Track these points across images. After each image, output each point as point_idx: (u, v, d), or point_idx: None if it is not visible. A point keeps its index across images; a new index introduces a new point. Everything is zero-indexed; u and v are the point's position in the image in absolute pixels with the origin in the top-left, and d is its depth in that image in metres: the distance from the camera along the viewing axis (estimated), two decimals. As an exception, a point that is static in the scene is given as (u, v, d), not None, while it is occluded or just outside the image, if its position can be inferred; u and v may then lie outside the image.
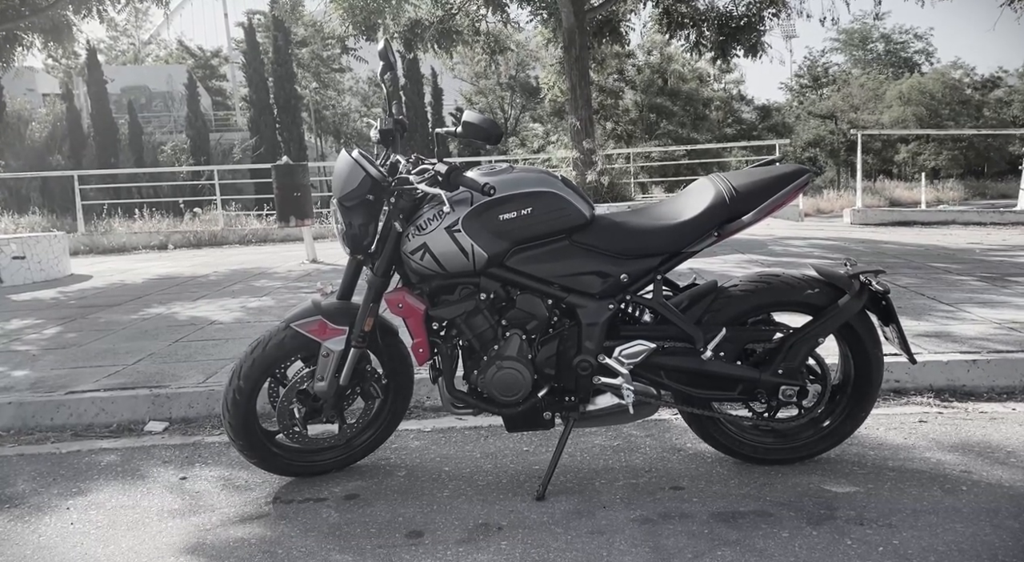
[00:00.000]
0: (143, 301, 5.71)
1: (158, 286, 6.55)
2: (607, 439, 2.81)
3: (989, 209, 10.58)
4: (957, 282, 5.02)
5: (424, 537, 2.09)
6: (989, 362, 3.20)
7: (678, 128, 27.49)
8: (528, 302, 2.35)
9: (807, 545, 2.00)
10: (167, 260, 9.15)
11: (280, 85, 28.81)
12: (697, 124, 28.36)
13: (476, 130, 2.18)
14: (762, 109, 31.89)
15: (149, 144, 28.12)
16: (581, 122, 7.99)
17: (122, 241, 10.89)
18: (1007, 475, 2.37)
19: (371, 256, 2.36)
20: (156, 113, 32.60)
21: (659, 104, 27.47)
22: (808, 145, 33.65)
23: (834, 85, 37.22)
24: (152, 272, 7.67)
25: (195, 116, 28.02)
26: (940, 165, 30.28)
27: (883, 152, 32.42)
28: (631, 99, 27.41)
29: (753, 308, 2.41)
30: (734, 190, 2.31)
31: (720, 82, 30.86)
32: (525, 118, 33.74)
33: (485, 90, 34.08)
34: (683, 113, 27.98)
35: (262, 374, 2.35)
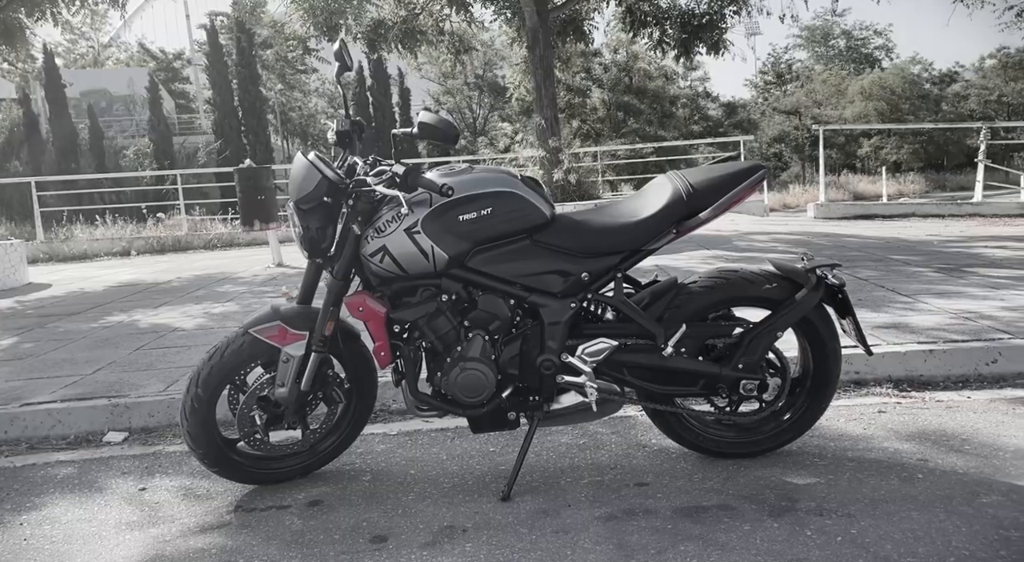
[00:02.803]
0: (103, 309, 5.61)
1: (119, 293, 6.44)
2: (573, 437, 2.81)
3: (948, 201, 10.79)
4: (915, 274, 5.11)
5: (388, 542, 2.08)
6: (945, 352, 3.26)
7: (645, 126, 27.64)
8: (490, 302, 2.34)
9: (768, 537, 2.02)
10: (130, 267, 9.00)
11: (244, 87, 28.46)
12: (664, 121, 28.55)
13: (432, 131, 2.17)
14: (728, 106, 32.19)
15: (111, 149, 27.62)
16: (547, 121, 8.01)
17: (83, 248, 10.69)
18: (961, 462, 2.41)
19: (330, 259, 2.34)
20: (117, 117, 32.04)
21: (626, 102, 27.61)
22: (773, 141, 34.05)
23: (798, 81, 37.70)
24: (114, 279, 7.54)
25: (158, 120, 27.58)
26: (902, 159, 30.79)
27: (847, 147, 32.89)
28: (599, 97, 27.51)
29: (713, 304, 2.43)
30: (691, 187, 2.32)
31: (686, 80, 31.11)
32: (494, 118, 33.71)
33: (453, 90, 33.98)
34: (650, 111, 28.14)
35: (220, 381, 2.31)
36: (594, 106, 27.67)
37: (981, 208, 9.63)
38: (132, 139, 28.96)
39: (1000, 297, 4.20)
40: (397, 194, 2.14)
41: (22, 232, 12.20)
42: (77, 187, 16.99)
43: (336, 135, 2.35)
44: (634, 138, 25.66)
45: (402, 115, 31.94)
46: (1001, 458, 2.43)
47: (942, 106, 32.22)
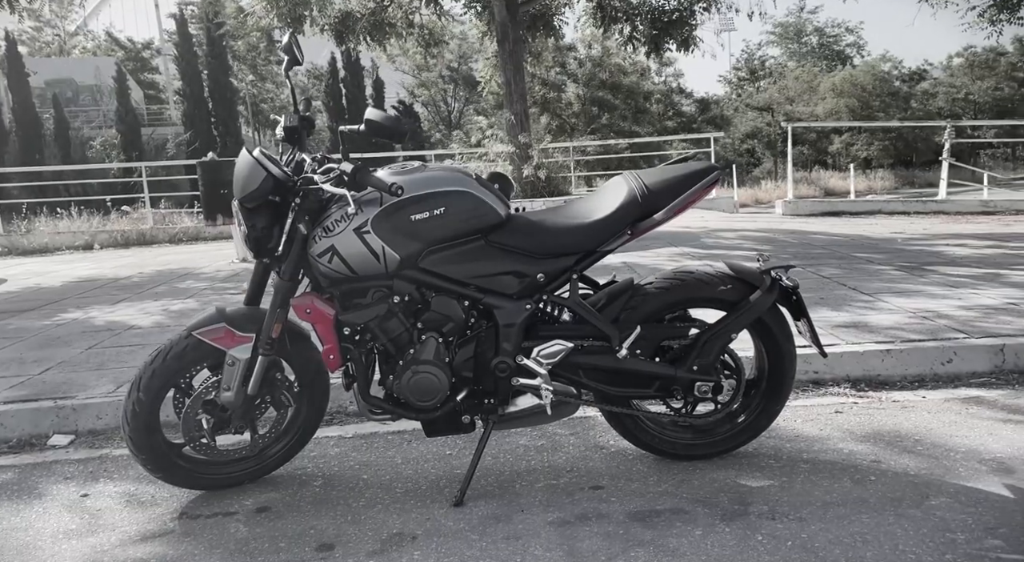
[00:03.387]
0: (59, 305, 5.48)
1: (77, 289, 6.29)
2: (531, 439, 2.78)
3: (913, 199, 10.93)
4: (877, 272, 5.15)
5: (335, 550, 2.04)
6: (902, 351, 3.28)
7: (619, 121, 27.69)
8: (444, 304, 2.30)
9: (719, 542, 2.01)
10: (91, 261, 8.81)
11: (215, 78, 28.04)
12: (638, 117, 28.62)
13: (379, 128, 2.13)
14: (701, 102, 32.33)
15: (77, 139, 27.11)
16: (516, 116, 7.96)
17: (44, 242, 10.47)
18: (913, 463, 2.42)
19: (278, 259, 2.29)
20: (84, 107, 31.44)
21: (601, 97, 27.62)
22: (746, 137, 34.29)
23: (770, 78, 37.99)
24: (73, 274, 7.37)
25: (125, 110, 27.10)
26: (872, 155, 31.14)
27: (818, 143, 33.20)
28: (573, 92, 27.49)
29: (668, 305, 2.42)
30: (646, 188, 2.30)
31: (660, 75, 31.18)
32: (469, 111, 33.55)
33: (427, 83, 33.74)
34: (624, 106, 28.18)
35: (163, 385, 2.25)
36: (569, 101, 27.65)
37: (945, 206, 9.76)
38: (99, 130, 28.43)
39: (958, 296, 4.24)
40: (344, 192, 2.09)
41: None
42: (41, 179, 16.60)
43: (284, 131, 2.29)
44: (608, 133, 25.71)
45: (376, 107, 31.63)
46: (952, 459, 2.44)
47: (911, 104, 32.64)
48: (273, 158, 2.25)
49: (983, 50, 31.79)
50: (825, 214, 9.84)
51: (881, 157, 30.99)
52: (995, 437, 2.60)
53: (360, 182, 2.10)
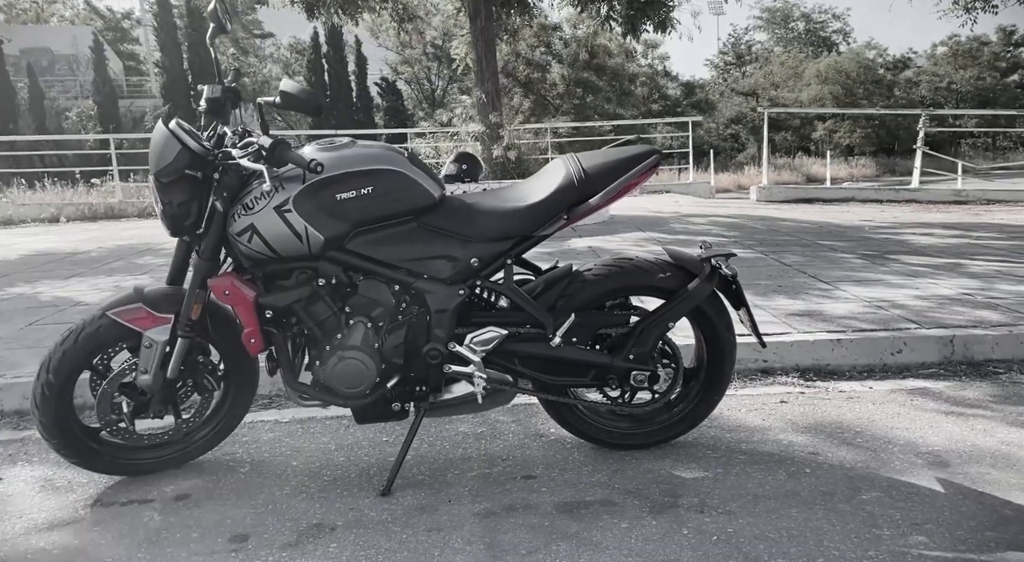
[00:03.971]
0: (8, 280, 5.34)
1: (31, 263, 6.16)
2: (472, 426, 2.73)
3: (887, 187, 10.95)
4: (840, 260, 5.13)
5: (249, 541, 1.97)
6: (852, 341, 3.25)
7: (604, 103, 27.53)
8: (372, 288, 2.23)
9: (643, 536, 1.96)
10: (54, 234, 8.64)
11: (195, 50, 27.55)
12: (622, 99, 28.45)
13: (294, 101, 2.05)
14: (686, 86, 32.21)
15: (52, 110, 26.62)
16: (488, 95, 7.83)
17: (8, 214, 10.26)
18: (850, 456, 2.39)
19: (200, 237, 2.20)
20: (60, 77, 30.87)
21: (585, 79, 27.42)
22: (731, 122, 34.24)
23: (756, 63, 37.90)
24: (31, 247, 7.21)
25: (103, 81, 26.64)
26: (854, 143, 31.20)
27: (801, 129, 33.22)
28: (558, 73, 27.27)
29: (607, 292, 2.36)
30: (583, 172, 2.23)
31: (647, 58, 30.99)
32: (453, 90, 33.22)
33: (411, 60, 33.32)
34: (609, 88, 28.00)
35: (75, 367, 2.17)
36: (553, 81, 27.43)
37: (918, 194, 9.77)
38: (75, 100, 27.91)
39: (916, 285, 4.22)
40: (262, 168, 2.00)
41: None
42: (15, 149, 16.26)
43: (206, 102, 2.19)
44: (592, 115, 25.57)
45: (358, 83, 31.29)
46: (889, 452, 2.42)
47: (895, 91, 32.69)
48: (192, 131, 2.16)
49: (967, 39, 31.86)
50: (799, 201, 9.83)
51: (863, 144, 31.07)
52: (935, 430, 2.58)
53: (279, 158, 2.02)
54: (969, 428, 2.59)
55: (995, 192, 9.69)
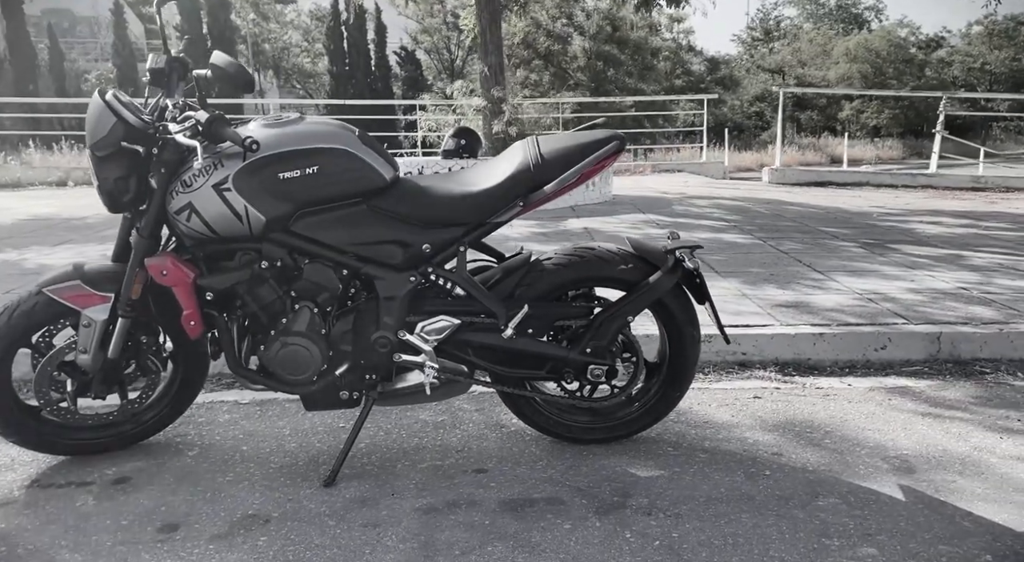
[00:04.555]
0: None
1: (26, 228, 6.15)
2: (433, 414, 2.67)
3: (903, 172, 10.68)
4: (838, 248, 4.99)
5: (177, 532, 1.92)
6: (836, 335, 3.14)
7: (625, 77, 27.10)
8: (318, 272, 2.16)
9: (583, 539, 1.89)
10: (56, 199, 8.64)
11: (214, 15, 27.34)
12: (644, 74, 27.98)
13: (223, 74, 1.97)
14: (711, 61, 31.62)
15: (72, 72, 26.67)
16: (490, 68, 7.65)
17: (16, 177, 10.25)
18: (815, 458, 2.30)
19: (141, 214, 2.13)
20: (80, 39, 30.92)
21: (607, 52, 26.98)
22: (755, 100, 33.65)
23: (784, 39, 37.14)
24: (29, 212, 7.21)
25: (123, 44, 26.55)
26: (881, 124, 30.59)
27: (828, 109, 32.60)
28: (579, 45, 26.86)
29: (567, 282, 2.27)
30: (540, 157, 2.13)
31: (671, 32, 30.44)
32: (472, 60, 32.89)
33: (430, 29, 32.97)
34: (631, 62, 27.55)
35: (10, 345, 2.12)
36: (574, 54, 27.03)
37: (935, 180, 9.52)
38: (95, 63, 27.95)
39: (912, 278, 4.09)
40: (195, 144, 1.92)
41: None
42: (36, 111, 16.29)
43: (149, 73, 2.10)
44: (612, 89, 25.20)
45: (377, 52, 31.03)
46: (856, 455, 2.33)
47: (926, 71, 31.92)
48: (131, 103, 2.08)
49: (1004, 18, 30.95)
50: (812, 184, 9.61)
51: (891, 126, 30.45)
52: (908, 432, 2.48)
53: (215, 134, 1.94)
54: (943, 431, 2.49)
55: (1016, 179, 9.40)
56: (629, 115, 21.49)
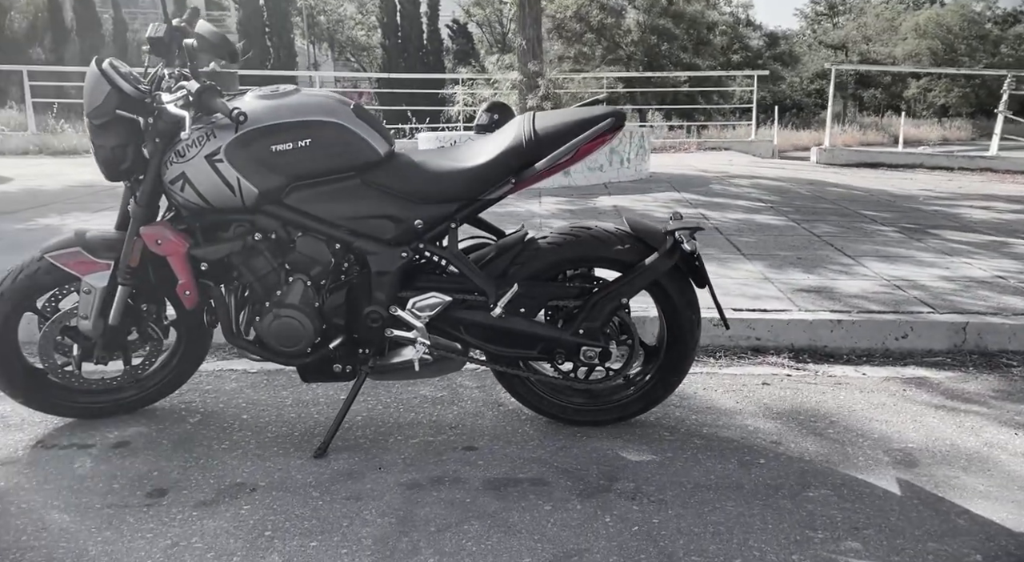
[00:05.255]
0: (43, 210, 5.51)
1: (71, 194, 6.34)
2: (433, 390, 2.68)
3: (961, 153, 10.23)
4: (875, 233, 4.81)
5: (165, 497, 1.97)
6: (854, 323, 3.04)
7: (679, 52, 26.53)
8: (310, 245, 2.17)
9: (561, 521, 1.88)
10: (107, 168, 8.87)
11: (271, -15, 27.69)
12: (699, 49, 27.36)
13: (207, 44, 1.98)
14: (770, 36, 30.71)
15: (134, 42, 27.24)
16: (528, 42, 7.53)
17: (72, 143, 10.55)
18: (814, 448, 2.24)
19: (139, 183, 2.16)
20: (143, 9, 31.50)
21: (661, 26, 26.43)
22: (816, 77, 32.63)
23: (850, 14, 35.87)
24: (77, 178, 7.42)
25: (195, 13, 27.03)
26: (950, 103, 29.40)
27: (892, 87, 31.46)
28: (633, 19, 26.35)
29: (561, 262, 2.24)
30: (533, 134, 2.09)
31: (729, 5, 29.65)
32: (522, 33, 32.55)
33: (483, 1, 32.77)
34: (686, 36, 26.94)
35: (13, 308, 2.18)
36: (628, 28, 26.54)
37: (994, 163, 9.11)
38: (156, 34, 28.47)
39: (947, 265, 3.92)
40: (184, 115, 1.93)
41: (40, 122, 11.93)
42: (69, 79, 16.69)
43: (148, 41, 2.12)
44: (666, 64, 24.73)
45: (429, 25, 30.98)
46: (858, 446, 2.26)
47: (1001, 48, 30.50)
48: (127, 72, 2.10)
49: (1092, -7, 29.30)
50: (862, 165, 9.30)
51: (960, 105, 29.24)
52: (917, 425, 2.40)
53: (205, 104, 1.95)
54: (955, 425, 2.40)
55: (1083, 163, 8.95)
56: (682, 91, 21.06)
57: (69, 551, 1.73)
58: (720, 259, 3.93)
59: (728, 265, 3.80)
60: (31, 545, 1.75)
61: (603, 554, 1.74)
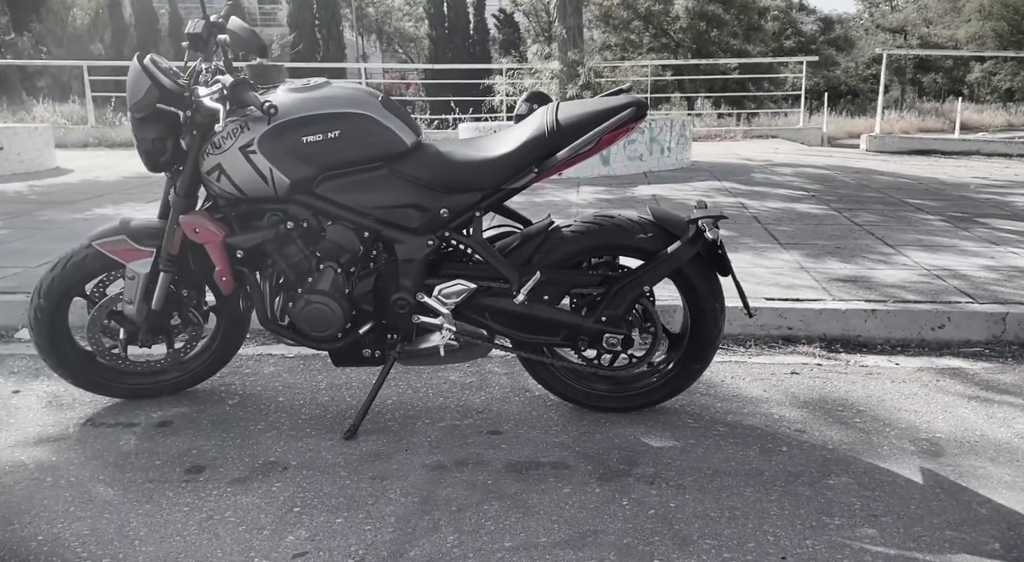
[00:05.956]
0: (100, 200, 5.74)
1: (126, 185, 6.57)
2: (462, 375, 2.74)
3: (1022, 140, 9.87)
4: (919, 222, 4.71)
5: (202, 474, 2.07)
6: (889, 312, 3.00)
7: (729, 38, 26.08)
8: (340, 233, 2.24)
9: (580, 503, 1.92)
10: (162, 160, 9.15)
11: (321, -20, 28.06)
12: (750, 34, 26.84)
13: (238, 39, 2.05)
14: (824, 20, 29.94)
15: (189, 36, 27.94)
16: (568, 31, 7.50)
17: (129, 136, 10.84)
18: (837, 436, 2.24)
19: (179, 174, 2.26)
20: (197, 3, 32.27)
21: (710, 11, 26.00)
22: (872, 62, 31.72)
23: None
24: (133, 170, 7.67)
25: (235, 8, 27.58)
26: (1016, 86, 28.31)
27: (954, 71, 30.45)
28: (681, 5, 25.99)
29: (585, 250, 2.27)
30: (556, 123, 2.13)
31: (781, -11, 28.99)
32: (571, 23, 32.36)
33: (530, -10, 32.69)
34: (736, 22, 26.46)
35: (63, 294, 2.30)
36: (676, 14, 26.18)
37: (1056, 149, 8.78)
38: (211, 27, 29.08)
39: (991, 255, 3.83)
40: (218, 108, 2.01)
41: (100, 115, 12.34)
42: None
43: (187, 37, 2.21)
44: (716, 51, 24.35)
45: (476, 15, 31.04)
46: (884, 435, 2.24)
47: (1074, 28, 29.17)
48: (168, 68, 2.20)
49: None
50: (914, 152, 9.05)
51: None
52: (947, 415, 2.37)
53: (239, 98, 2.03)
54: (987, 416, 2.36)
55: None
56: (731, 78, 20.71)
57: (112, 522, 1.83)
58: (756, 249, 3.90)
59: (764, 254, 3.78)
60: (78, 515, 1.86)
61: (617, 535, 1.78)
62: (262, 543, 1.75)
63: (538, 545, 1.75)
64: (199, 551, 1.72)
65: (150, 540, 1.76)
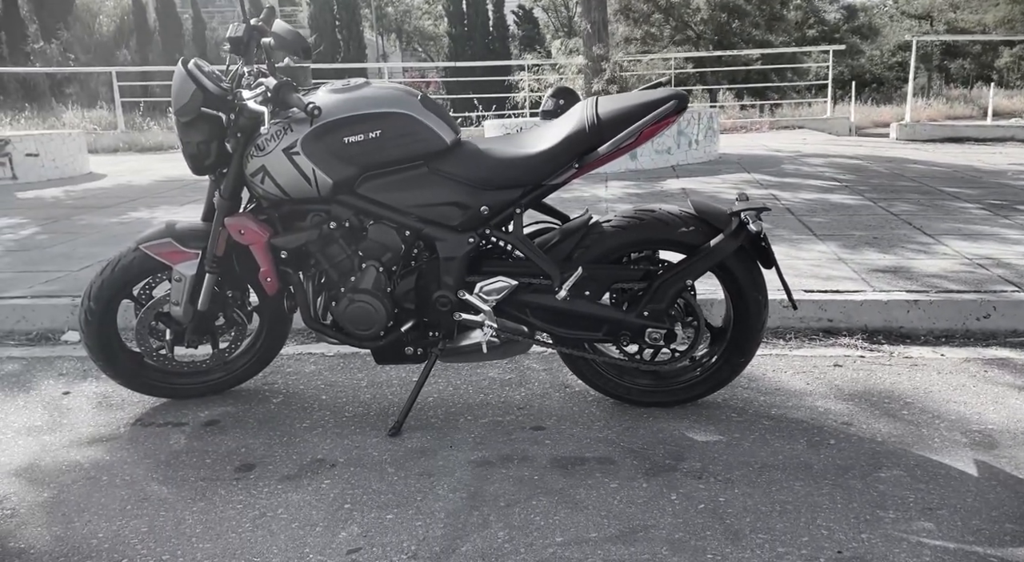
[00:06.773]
0: (134, 204, 5.82)
1: (159, 189, 6.66)
2: (502, 372, 2.74)
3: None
4: (957, 210, 4.64)
5: (253, 471, 2.09)
6: (932, 303, 2.96)
7: (751, 29, 25.83)
8: (381, 232, 2.25)
9: (628, 498, 1.92)
10: (191, 163, 9.26)
11: (340, -21, 28.21)
12: (772, 25, 26.55)
13: (282, 41, 2.08)
14: (848, 9, 29.55)
15: (212, 40, 28.20)
16: (592, 25, 7.46)
17: (159, 140, 11.06)
18: (886, 429, 2.22)
19: (223, 177, 2.28)
20: (220, 8, 32.55)
21: (731, 3, 25.76)
22: (897, 49, 31.25)
23: (937, -20, 34.18)
24: (165, 173, 7.78)
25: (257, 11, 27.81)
26: (1049, 72, 27.73)
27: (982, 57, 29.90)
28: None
29: (625, 245, 2.26)
30: (596, 118, 2.12)
31: (805, -23, 28.65)
32: (590, 16, 32.20)
33: (549, -14, 32.58)
34: (757, 12, 26.19)
35: (113, 295, 2.34)
36: (697, 6, 25.98)
37: (1094, 133, 8.60)
38: (233, 30, 29.37)
39: (1035, 242, 3.77)
40: (263, 110, 2.03)
41: (129, 120, 12.51)
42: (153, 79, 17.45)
43: (228, 41, 2.23)
44: (738, 42, 24.13)
45: (495, 12, 31.01)
46: (934, 427, 2.22)
47: (1108, 10, 28.52)
48: (211, 72, 2.22)
49: None
50: (946, 140, 8.92)
51: (1061, 75, 27.55)
52: (998, 406, 2.34)
53: (283, 100, 2.04)
54: (1039, 408, 2.32)
55: None
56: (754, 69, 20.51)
57: (168, 520, 1.86)
58: (791, 240, 3.86)
59: (800, 246, 3.74)
60: (135, 513, 1.89)
61: (668, 530, 1.78)
62: (316, 539, 1.77)
63: (589, 540, 1.75)
64: (255, 547, 1.75)
65: (206, 537, 1.79)
